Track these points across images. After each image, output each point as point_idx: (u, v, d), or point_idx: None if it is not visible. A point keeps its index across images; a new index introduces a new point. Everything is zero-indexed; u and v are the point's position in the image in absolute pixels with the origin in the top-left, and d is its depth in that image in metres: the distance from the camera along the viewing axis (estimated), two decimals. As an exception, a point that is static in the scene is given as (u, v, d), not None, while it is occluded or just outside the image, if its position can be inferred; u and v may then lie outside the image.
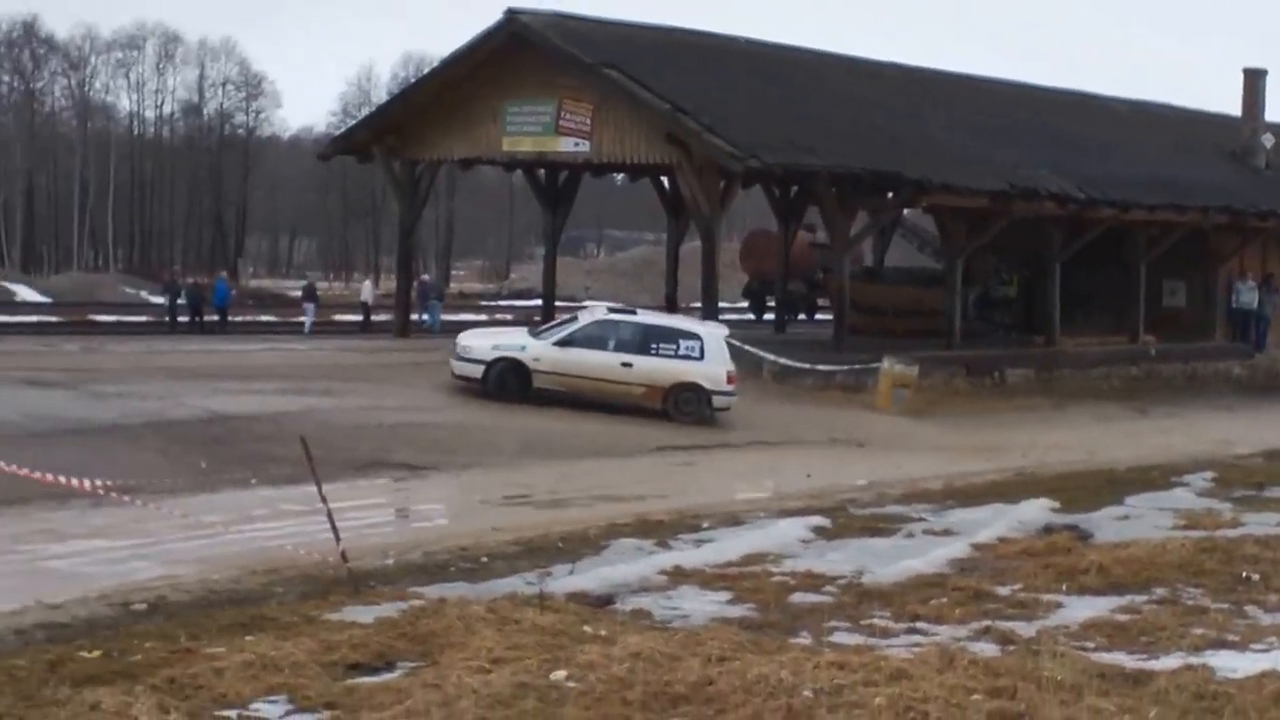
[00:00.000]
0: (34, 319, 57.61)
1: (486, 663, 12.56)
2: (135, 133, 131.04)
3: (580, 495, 24.59)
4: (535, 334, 35.18)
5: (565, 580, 16.82)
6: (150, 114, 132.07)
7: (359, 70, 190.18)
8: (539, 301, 59.19)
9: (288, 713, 11.64)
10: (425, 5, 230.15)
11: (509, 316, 66.41)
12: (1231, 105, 62.60)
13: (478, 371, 33.41)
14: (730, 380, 33.83)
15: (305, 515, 19.00)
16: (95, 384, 30.96)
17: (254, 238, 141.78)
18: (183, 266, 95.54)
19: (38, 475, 20.13)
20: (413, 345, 46.60)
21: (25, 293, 75.19)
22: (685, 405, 33.24)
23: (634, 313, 37.27)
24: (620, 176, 60.87)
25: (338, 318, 58.43)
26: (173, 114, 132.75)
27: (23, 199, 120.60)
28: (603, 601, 16.02)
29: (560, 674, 12.21)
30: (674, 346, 33.72)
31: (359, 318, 57.22)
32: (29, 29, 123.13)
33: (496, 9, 44.71)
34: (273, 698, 11.96)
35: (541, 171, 51.78)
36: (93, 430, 26.34)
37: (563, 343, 33.45)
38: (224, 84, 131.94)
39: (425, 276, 70.36)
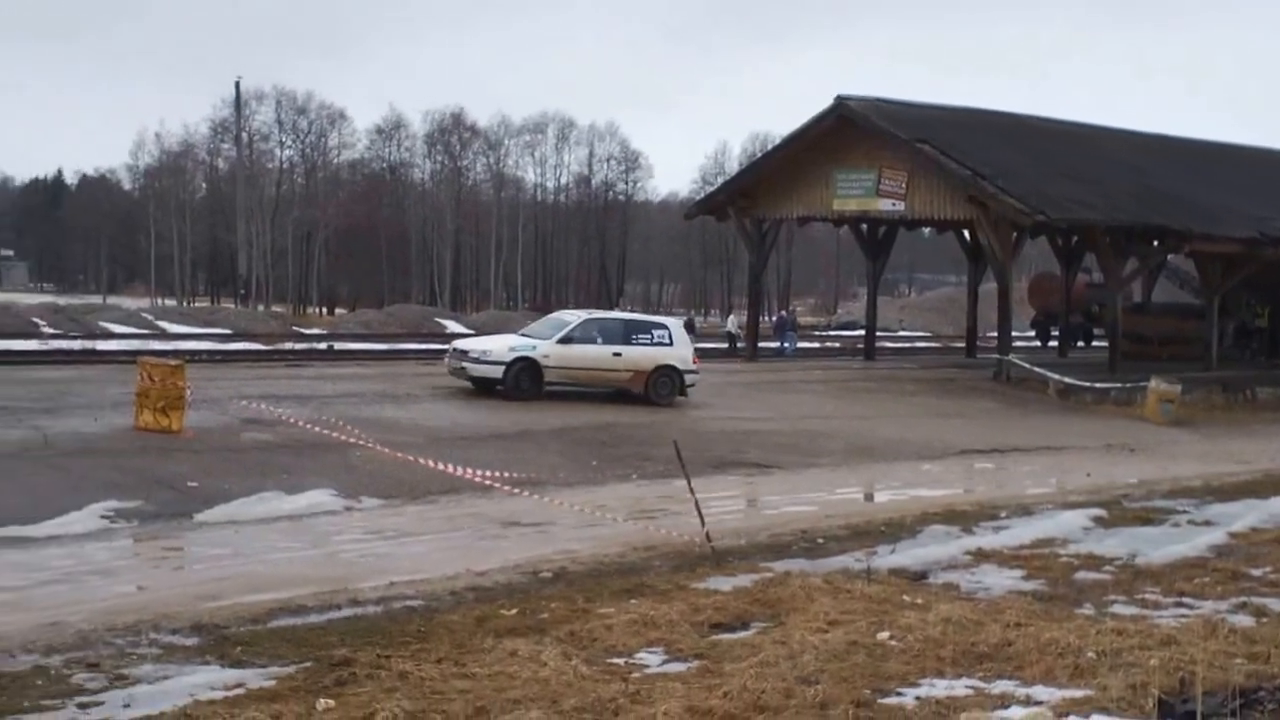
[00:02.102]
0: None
1: (824, 624, 12.54)
2: (538, 199, 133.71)
3: (899, 489, 24.33)
4: (524, 336, 33.54)
5: (887, 558, 16.69)
6: (550, 184, 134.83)
7: (715, 146, 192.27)
8: (862, 331, 59.11)
9: (664, 661, 11.73)
10: (769, 92, 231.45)
11: (838, 345, 66.14)
12: None
13: (498, 372, 31.30)
14: (694, 360, 33.51)
15: (675, 504, 19.20)
16: (507, 398, 31.51)
17: (631, 281, 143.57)
18: (575, 305, 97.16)
19: (467, 471, 20.71)
20: (762, 367, 46.68)
21: (454, 326, 77.00)
22: (661, 387, 32.40)
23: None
24: (929, 229, 60.36)
25: (705, 345, 58.60)
26: (568, 184, 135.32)
27: (451, 253, 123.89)
28: (918, 576, 15.85)
29: (885, 634, 12.13)
30: (649, 336, 32.84)
31: (725, 345, 57.48)
32: (457, 118, 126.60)
33: (827, 96, 44.99)
34: (652, 649, 12.08)
35: (864, 226, 51.68)
36: (508, 435, 26.81)
37: (564, 340, 31.89)
38: (608, 159, 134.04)
39: (784, 312, 70.54)
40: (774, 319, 70.91)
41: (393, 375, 35.74)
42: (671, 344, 33.02)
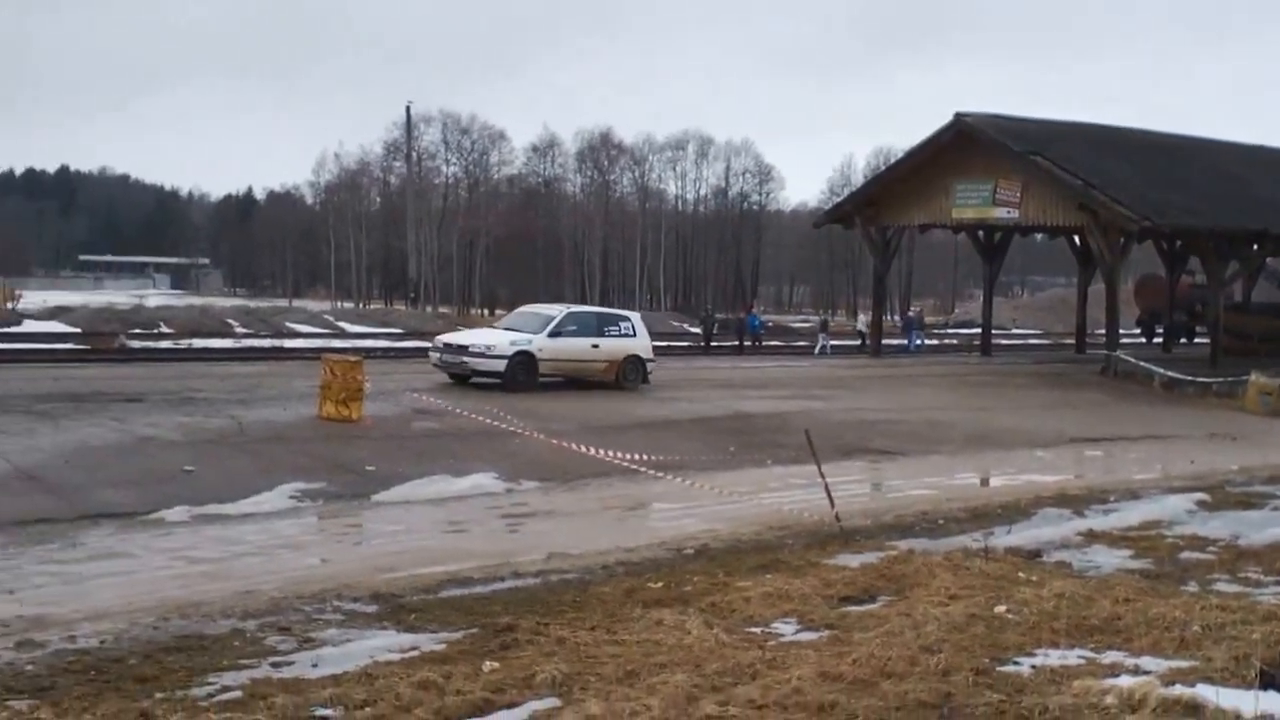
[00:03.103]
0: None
1: (945, 598, 12.41)
2: (679, 210, 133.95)
3: (1014, 474, 24.01)
4: (510, 330, 31.48)
5: (1003, 538, 16.48)
6: (690, 196, 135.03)
7: (841, 159, 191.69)
8: (978, 329, 58.57)
9: (798, 630, 11.69)
10: (891, 110, 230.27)
11: (955, 342, 65.53)
12: None
13: (501, 365, 29.50)
14: (652, 350, 32.79)
15: (807, 487, 19.10)
16: (653, 390, 31.59)
17: (764, 284, 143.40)
18: (712, 306, 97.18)
19: (616, 456, 20.82)
20: (886, 362, 46.41)
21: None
22: (630, 375, 31.51)
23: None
24: (1041, 235, 59.64)
25: (837, 343, 58.38)
26: (706, 196, 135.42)
27: (600, 258, 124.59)
28: (1033, 555, 15.62)
29: (1001, 608, 11.99)
30: (617, 327, 31.89)
31: (857, 342, 57.18)
32: (605, 137, 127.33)
33: (946, 113, 44.66)
34: (786, 619, 12.04)
35: (981, 232, 51.24)
36: (653, 423, 26.87)
37: (553, 334, 30.41)
38: (743, 173, 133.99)
39: (910, 312, 70.09)
40: (901, 319, 70.55)
41: (548, 370, 35.90)
42: (635, 335, 32.27)
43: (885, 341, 53.84)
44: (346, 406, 24.19)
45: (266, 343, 50.51)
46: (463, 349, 30.19)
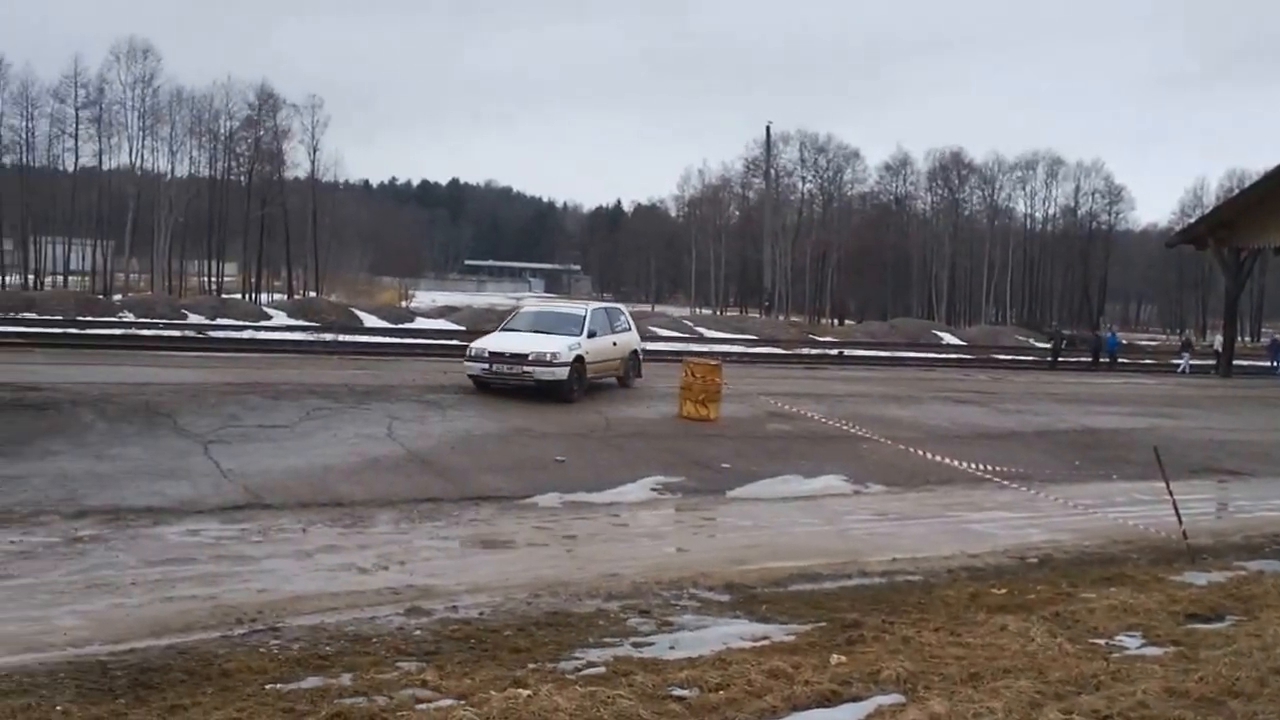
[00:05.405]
0: (953, 356, 58.29)
1: (1297, 621, 11.75)
2: (1027, 228, 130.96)
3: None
4: (539, 334, 26.43)
5: (1359, 565, 15.52)
6: (1039, 214, 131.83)
7: (1194, 181, 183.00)
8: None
9: (1142, 644, 11.23)
10: (1246, 132, 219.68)
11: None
12: None
13: (565, 373, 25.11)
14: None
15: (1152, 503, 18.44)
16: (999, 403, 30.95)
17: (1110, 302, 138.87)
18: (1058, 323, 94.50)
19: (961, 465, 20.45)
20: (1236, 383, 44.29)
21: (947, 338, 76.06)
22: (633, 371, 28.94)
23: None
24: None
25: (1194, 363, 55.90)
26: (1054, 215, 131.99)
27: (948, 273, 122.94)
28: (1391, 583, 14.64)
29: (1357, 635, 11.25)
30: (620, 321, 28.90)
31: (1210, 363, 54.55)
32: (956, 156, 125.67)
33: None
34: (1130, 633, 11.58)
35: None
36: (997, 435, 26.33)
37: (590, 335, 26.41)
38: (1093, 193, 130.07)
39: (1277, 336, 66.77)
40: (1268, 342, 67.34)
41: (894, 379, 35.64)
42: (631, 329, 29.86)
43: (1241, 363, 51.28)
44: (705, 407, 24.47)
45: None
46: (521, 358, 25.32)
